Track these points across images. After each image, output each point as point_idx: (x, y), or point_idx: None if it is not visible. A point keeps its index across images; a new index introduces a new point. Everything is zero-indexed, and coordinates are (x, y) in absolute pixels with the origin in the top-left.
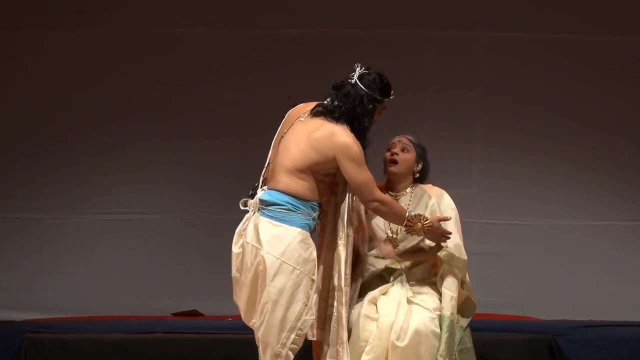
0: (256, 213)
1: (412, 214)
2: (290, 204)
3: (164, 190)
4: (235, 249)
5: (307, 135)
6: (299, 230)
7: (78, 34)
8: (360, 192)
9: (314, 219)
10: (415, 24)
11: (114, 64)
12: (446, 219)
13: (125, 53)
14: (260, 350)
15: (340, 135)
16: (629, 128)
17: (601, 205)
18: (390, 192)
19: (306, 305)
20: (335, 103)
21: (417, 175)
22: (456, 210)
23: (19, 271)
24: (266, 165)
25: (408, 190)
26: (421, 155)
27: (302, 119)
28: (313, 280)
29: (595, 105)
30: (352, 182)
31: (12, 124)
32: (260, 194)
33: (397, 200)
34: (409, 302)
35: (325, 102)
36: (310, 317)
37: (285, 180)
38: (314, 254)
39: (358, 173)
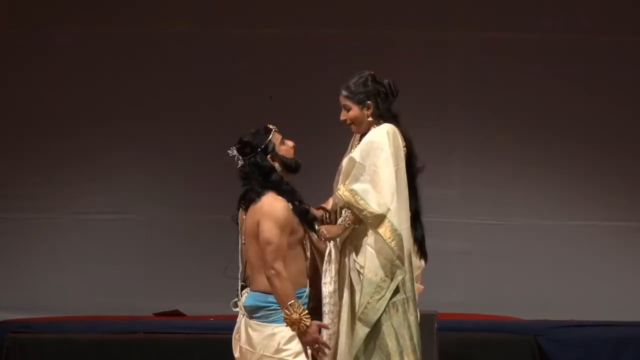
0: (245, 318)
1: (298, 303)
2: (275, 302)
3: (146, 191)
4: (236, 353)
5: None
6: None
7: (71, 33)
8: (264, 252)
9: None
10: (399, 26)
11: (102, 65)
12: (325, 327)
13: (115, 53)
14: None
15: (261, 203)
16: (612, 130)
17: (581, 207)
18: None
19: None
20: (247, 188)
21: (370, 117)
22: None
23: (0, 271)
24: (241, 265)
25: None
26: (362, 100)
27: (244, 217)
28: None
29: (581, 108)
30: (261, 238)
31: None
32: (244, 298)
33: None
34: None
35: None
36: None
37: (263, 280)
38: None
39: (269, 232)
